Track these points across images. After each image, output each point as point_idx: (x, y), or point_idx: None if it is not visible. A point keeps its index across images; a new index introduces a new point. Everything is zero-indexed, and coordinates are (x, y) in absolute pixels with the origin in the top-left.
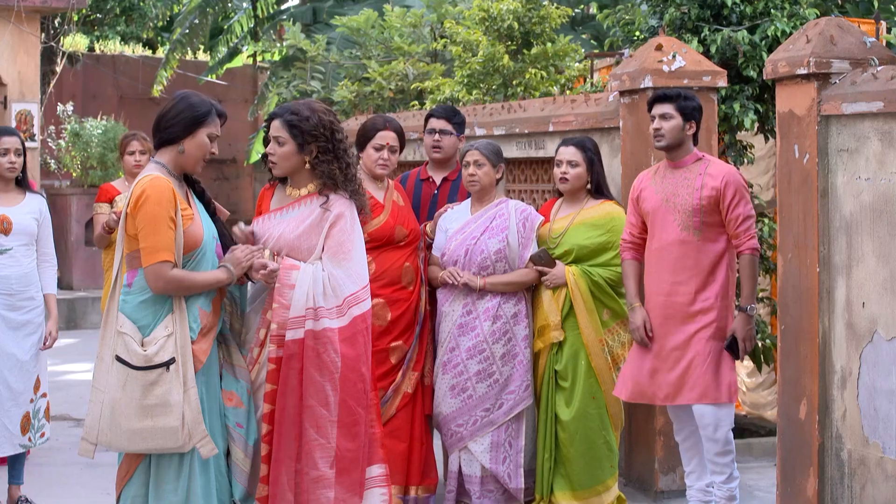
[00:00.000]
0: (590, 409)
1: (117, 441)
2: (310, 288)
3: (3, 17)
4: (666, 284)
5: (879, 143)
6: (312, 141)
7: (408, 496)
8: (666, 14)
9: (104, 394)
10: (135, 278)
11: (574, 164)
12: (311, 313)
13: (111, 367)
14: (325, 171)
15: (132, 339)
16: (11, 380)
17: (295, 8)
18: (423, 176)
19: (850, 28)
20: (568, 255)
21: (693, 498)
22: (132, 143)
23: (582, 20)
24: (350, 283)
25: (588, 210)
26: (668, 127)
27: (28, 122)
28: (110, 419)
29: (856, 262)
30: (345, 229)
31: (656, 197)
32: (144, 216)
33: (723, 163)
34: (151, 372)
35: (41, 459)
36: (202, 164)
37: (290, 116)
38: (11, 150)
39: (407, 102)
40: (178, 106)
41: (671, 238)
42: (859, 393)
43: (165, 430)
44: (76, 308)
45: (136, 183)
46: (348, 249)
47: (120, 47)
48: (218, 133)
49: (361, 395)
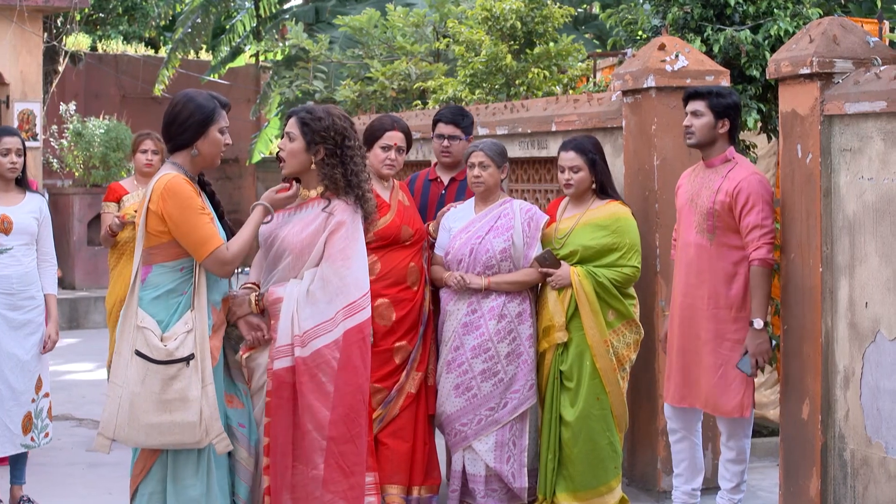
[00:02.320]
0: (594, 410)
1: (135, 436)
2: (294, 314)
3: (6, 16)
4: (683, 285)
5: (882, 142)
6: (321, 142)
7: (410, 496)
8: (669, 13)
9: (122, 388)
10: (149, 274)
11: (576, 169)
12: (297, 340)
13: (130, 362)
14: (327, 174)
15: (153, 334)
16: (13, 379)
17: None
18: (431, 177)
19: (853, 28)
20: (573, 255)
21: (678, 500)
22: (145, 142)
23: (585, 20)
24: (347, 292)
25: (593, 211)
26: (698, 124)
27: (30, 122)
28: (128, 413)
29: (859, 261)
30: (345, 237)
31: (685, 195)
32: (177, 212)
33: (748, 167)
34: (171, 366)
35: (43, 459)
36: (220, 158)
37: (304, 115)
38: (13, 150)
39: (409, 102)
40: (186, 109)
41: (689, 239)
42: (862, 393)
43: (184, 425)
44: (78, 308)
45: (157, 181)
46: (347, 256)
47: (122, 47)
48: (227, 124)
49: (361, 406)
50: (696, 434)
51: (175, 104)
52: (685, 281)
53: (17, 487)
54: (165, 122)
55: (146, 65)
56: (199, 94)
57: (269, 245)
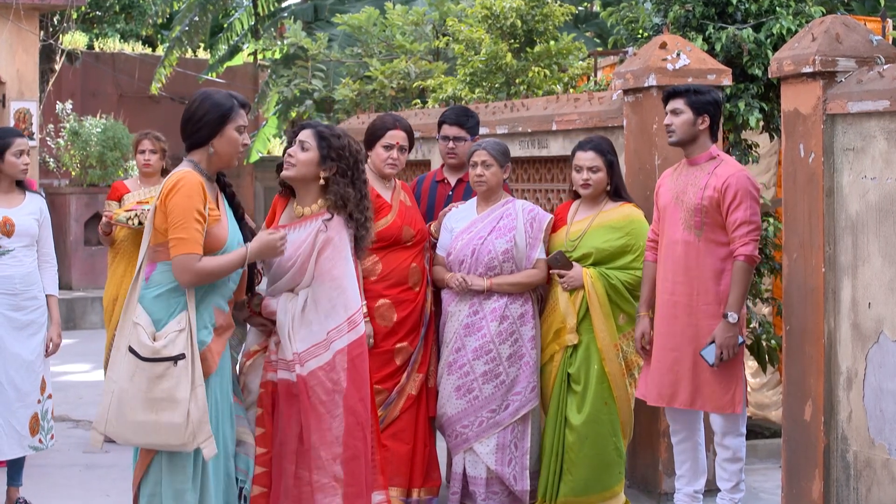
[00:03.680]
0: (601, 415)
1: (123, 432)
2: (290, 333)
3: (2, 14)
4: (669, 283)
5: (886, 141)
6: (336, 159)
7: (410, 499)
8: (670, 12)
9: (115, 384)
10: (153, 273)
11: (595, 170)
12: (296, 358)
13: (123, 358)
14: (338, 192)
15: (144, 331)
16: (18, 380)
17: (296, 5)
18: (438, 178)
19: (855, 26)
20: (587, 258)
21: (680, 502)
22: (143, 143)
23: (585, 18)
24: (335, 313)
25: (607, 212)
26: (678, 122)
27: (27, 121)
28: (118, 410)
29: (861, 262)
30: (331, 256)
31: (668, 194)
32: (174, 208)
33: (734, 164)
34: (158, 365)
35: (40, 461)
36: (238, 158)
37: (323, 129)
38: (25, 151)
39: (409, 101)
40: (203, 106)
41: (676, 237)
42: (865, 394)
43: (169, 425)
44: (75, 308)
45: (168, 177)
46: (335, 277)
47: (119, 45)
48: (245, 123)
49: (356, 428)
50: (699, 435)
51: (193, 101)
52: (672, 279)
53: (13, 489)
54: (183, 119)
55: (143, 63)
56: (217, 92)
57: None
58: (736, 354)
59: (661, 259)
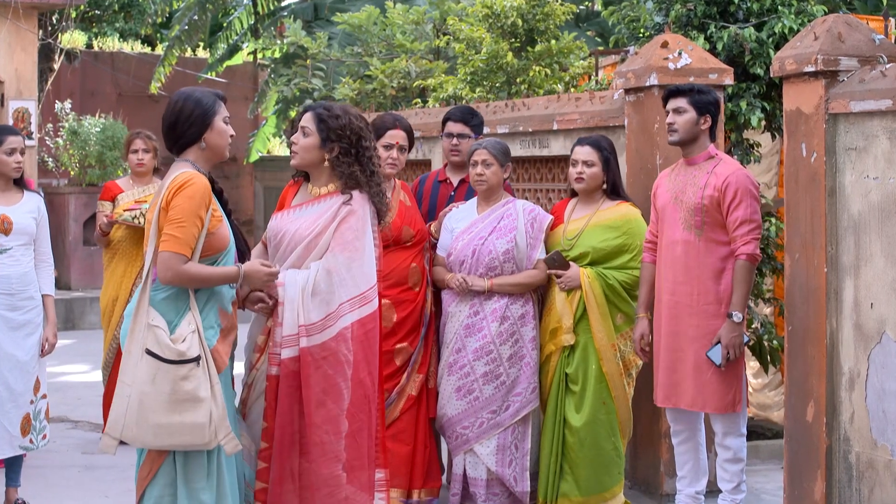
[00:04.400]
0: (600, 415)
1: (143, 436)
2: (299, 305)
3: (1, 13)
4: (670, 283)
5: (888, 141)
6: (336, 140)
7: (410, 500)
8: (672, 11)
9: (131, 388)
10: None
11: (590, 164)
12: (303, 330)
13: (140, 361)
14: (345, 172)
15: (164, 333)
16: (11, 380)
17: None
18: (440, 178)
19: (858, 25)
20: (584, 257)
21: (681, 503)
22: (136, 142)
23: (587, 17)
24: (354, 283)
25: (604, 212)
26: (681, 121)
27: (25, 120)
28: (137, 413)
29: (864, 262)
30: (354, 227)
31: (667, 194)
32: (176, 207)
33: (733, 163)
34: (183, 366)
35: (38, 462)
36: (227, 149)
37: (321, 111)
38: (18, 149)
39: (409, 100)
40: (187, 106)
41: (676, 237)
42: (867, 395)
43: (193, 425)
44: (74, 308)
45: (174, 179)
46: (356, 248)
47: (118, 44)
48: (228, 114)
49: (362, 401)
50: (700, 435)
51: (174, 104)
52: (672, 279)
53: (12, 490)
54: (168, 123)
55: (142, 62)
56: (194, 90)
57: (277, 242)
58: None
59: (660, 259)
